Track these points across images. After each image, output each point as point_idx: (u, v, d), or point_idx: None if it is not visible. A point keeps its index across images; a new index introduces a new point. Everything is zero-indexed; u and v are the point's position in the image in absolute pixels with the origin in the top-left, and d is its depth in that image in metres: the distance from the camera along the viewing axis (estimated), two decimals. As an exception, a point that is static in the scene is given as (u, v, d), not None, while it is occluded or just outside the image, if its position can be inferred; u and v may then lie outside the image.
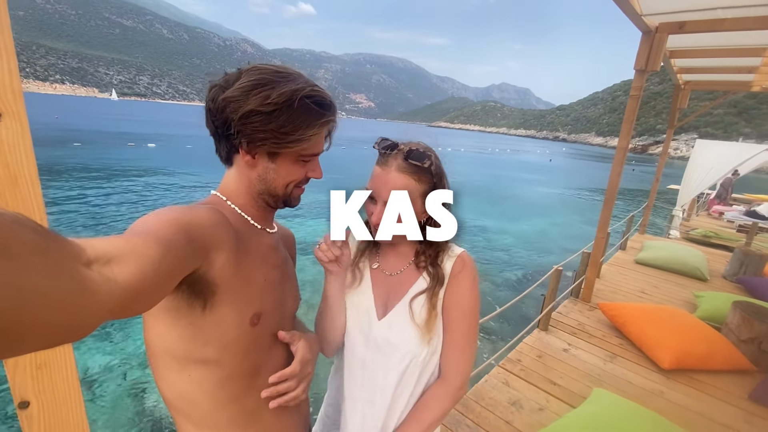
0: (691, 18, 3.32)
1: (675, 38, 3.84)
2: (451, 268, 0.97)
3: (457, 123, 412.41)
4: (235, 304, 0.73)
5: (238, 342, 0.75)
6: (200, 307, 0.69)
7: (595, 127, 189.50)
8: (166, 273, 0.51)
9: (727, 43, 4.08)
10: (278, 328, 0.86)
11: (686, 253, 5.69)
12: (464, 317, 0.97)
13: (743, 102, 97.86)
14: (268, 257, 0.85)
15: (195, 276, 0.64)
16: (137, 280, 0.44)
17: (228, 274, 0.70)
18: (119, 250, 0.44)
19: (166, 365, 0.74)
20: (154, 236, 0.52)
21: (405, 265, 1.01)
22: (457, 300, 0.96)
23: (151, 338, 0.73)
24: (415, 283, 0.98)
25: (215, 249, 0.67)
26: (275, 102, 0.70)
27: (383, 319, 0.97)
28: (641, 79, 3.59)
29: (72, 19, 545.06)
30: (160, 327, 0.71)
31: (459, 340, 0.97)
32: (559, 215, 15.73)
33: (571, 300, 4.29)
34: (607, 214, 4.01)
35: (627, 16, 3.21)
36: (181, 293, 0.68)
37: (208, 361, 0.73)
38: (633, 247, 6.63)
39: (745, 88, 6.14)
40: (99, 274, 0.39)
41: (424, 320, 0.93)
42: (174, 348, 0.72)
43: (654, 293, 4.73)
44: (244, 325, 0.75)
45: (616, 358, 3.23)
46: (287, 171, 0.79)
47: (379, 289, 1.01)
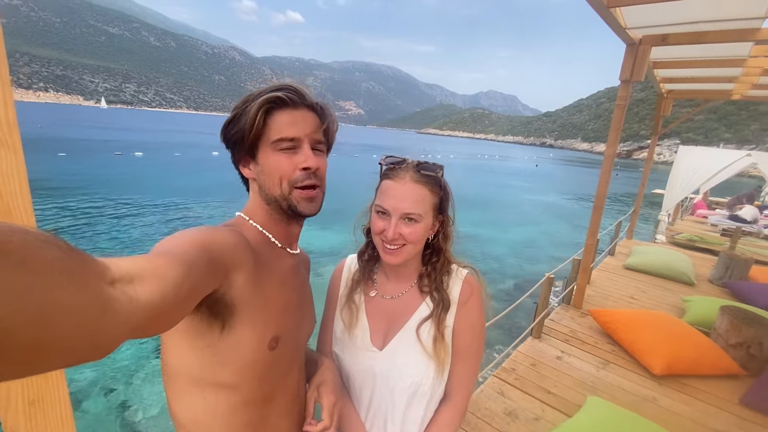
0: (674, 31, 3.42)
1: (658, 50, 3.95)
2: (459, 293, 0.94)
3: (446, 130, 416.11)
4: (254, 326, 0.72)
5: (256, 365, 0.74)
6: (219, 329, 0.69)
7: (581, 133, 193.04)
8: (188, 293, 0.52)
9: (709, 54, 4.21)
10: (295, 352, 0.85)
11: (673, 258, 5.79)
12: (474, 341, 0.95)
13: (723, 108, 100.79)
14: (287, 279, 0.83)
15: (214, 296, 0.64)
16: (158, 300, 0.44)
17: (247, 295, 0.69)
18: (142, 270, 0.45)
19: (181, 387, 0.73)
20: (176, 256, 0.53)
21: (407, 288, 0.97)
22: (468, 325, 0.93)
23: (168, 358, 0.72)
24: (419, 307, 0.94)
25: (235, 270, 0.66)
26: (236, 107, 0.75)
27: (384, 349, 0.93)
28: (626, 89, 3.67)
29: (57, 27, 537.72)
30: (178, 348, 0.70)
31: (469, 363, 0.95)
32: (547, 223, 15.91)
33: (563, 307, 4.32)
34: (596, 221, 4.06)
35: (612, 29, 3.29)
36: (200, 314, 0.67)
37: (224, 385, 0.73)
38: (621, 252, 6.73)
39: (725, 97, 6.33)
40: (122, 293, 0.40)
41: (432, 348, 0.90)
42: (191, 369, 0.71)
43: (643, 298, 4.80)
44: (262, 349, 0.74)
45: (608, 365, 3.26)
46: (271, 166, 0.77)
47: (377, 318, 0.97)
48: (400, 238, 0.87)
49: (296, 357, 0.89)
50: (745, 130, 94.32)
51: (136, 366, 4.66)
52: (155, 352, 4.86)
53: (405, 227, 0.87)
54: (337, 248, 9.31)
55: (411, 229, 0.87)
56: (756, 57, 4.09)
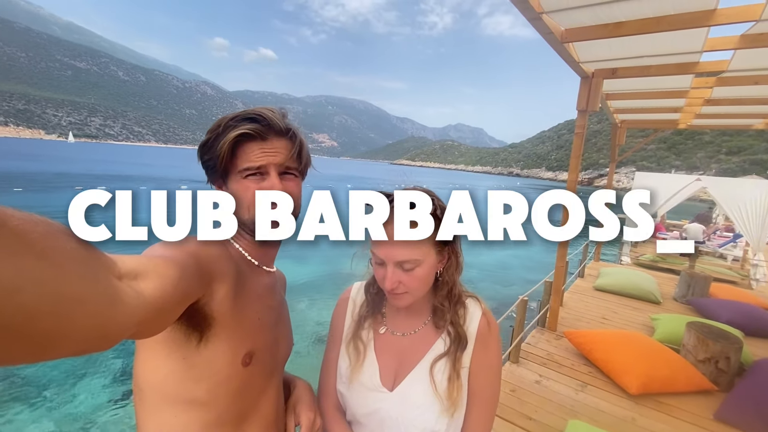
0: (622, 65, 3.71)
1: (610, 82, 4.26)
2: (477, 329, 0.87)
3: (418, 161, 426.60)
4: (229, 341, 0.71)
5: (230, 382, 0.72)
6: (196, 340, 0.68)
7: (545, 162, 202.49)
8: (182, 295, 0.54)
9: (655, 86, 4.58)
10: (270, 371, 0.83)
11: (639, 278, 6.00)
12: (492, 383, 0.88)
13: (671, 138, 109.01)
14: (264, 297, 0.83)
15: (195, 306, 0.64)
16: (159, 296, 0.46)
17: (225, 308, 0.69)
18: (145, 267, 0.47)
19: (153, 403, 0.71)
20: (170, 259, 0.55)
21: (420, 325, 0.90)
22: (486, 363, 0.86)
23: (141, 372, 0.70)
24: (434, 345, 0.87)
25: (218, 280, 0.67)
26: (210, 130, 0.76)
27: (395, 390, 0.85)
28: (583, 118, 3.91)
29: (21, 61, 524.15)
30: (153, 360, 0.69)
31: (486, 407, 0.87)
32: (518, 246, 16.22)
33: (538, 330, 4.33)
34: (564, 244, 4.18)
35: (567, 63, 3.53)
36: (179, 325, 0.67)
37: (197, 402, 0.71)
38: (590, 274, 6.92)
39: (672, 126, 6.85)
40: (129, 287, 0.41)
41: (446, 390, 0.82)
42: (165, 384, 0.69)
43: (614, 318, 4.90)
44: (236, 364, 0.73)
45: (586, 387, 3.24)
46: (240, 193, 0.76)
47: (388, 356, 0.89)
48: (399, 285, 0.81)
49: (272, 377, 0.85)
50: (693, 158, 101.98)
51: (93, 416, 4.25)
52: (111, 402, 4.47)
53: (403, 275, 0.80)
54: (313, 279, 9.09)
55: (409, 277, 0.80)
56: (697, 88, 4.48)
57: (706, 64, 3.52)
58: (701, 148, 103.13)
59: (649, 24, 2.63)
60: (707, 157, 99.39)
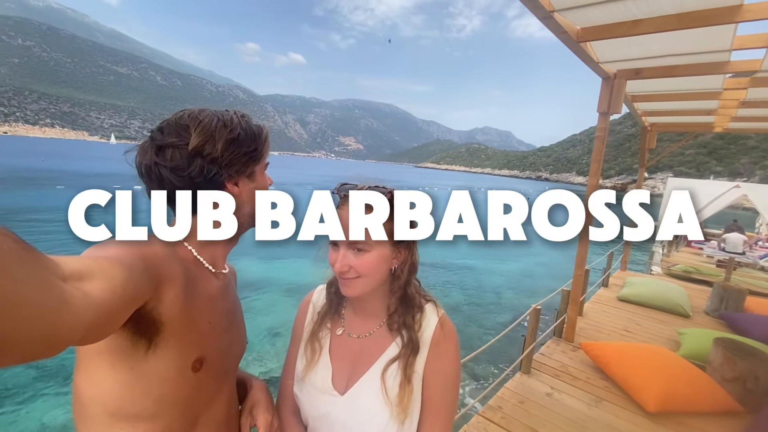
0: (646, 65, 3.53)
1: (635, 83, 4.07)
2: (432, 334, 0.84)
3: (443, 164, 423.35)
4: (178, 347, 0.68)
5: (180, 390, 0.70)
6: (144, 348, 0.64)
7: (576, 166, 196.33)
8: (130, 297, 0.52)
9: (684, 87, 4.34)
10: (223, 375, 0.82)
11: (668, 290, 5.69)
12: (447, 391, 0.84)
13: (712, 142, 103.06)
14: (216, 302, 0.80)
15: (142, 311, 0.61)
16: (108, 298, 0.45)
17: (174, 313, 0.66)
18: (90, 269, 0.45)
19: (94, 419, 0.66)
20: (116, 260, 0.53)
21: (376, 327, 0.89)
22: (440, 370, 0.83)
23: (83, 386, 0.66)
24: (388, 348, 0.85)
25: (165, 283, 0.64)
26: (241, 127, 0.76)
27: (345, 394, 0.83)
28: (605, 121, 3.75)
29: (67, 67, 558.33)
30: (96, 372, 0.65)
31: (439, 417, 0.83)
32: (543, 254, 15.80)
33: (553, 340, 4.18)
34: (583, 252, 4.02)
35: (586, 63, 3.40)
36: (125, 332, 0.63)
37: (142, 417, 0.67)
38: (615, 284, 6.62)
39: (707, 129, 6.48)
40: (75, 289, 0.40)
41: (396, 396, 0.80)
42: (108, 399, 0.65)
43: (637, 331, 4.66)
44: (185, 371, 0.70)
45: (601, 402, 3.09)
46: (261, 183, 0.83)
47: (342, 359, 0.88)
48: (350, 270, 0.80)
49: (224, 383, 0.83)
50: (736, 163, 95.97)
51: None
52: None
53: (354, 258, 0.79)
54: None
55: (360, 260, 0.79)
56: (730, 89, 4.20)
57: (737, 63, 3.29)
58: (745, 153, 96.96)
59: (670, 21, 2.49)
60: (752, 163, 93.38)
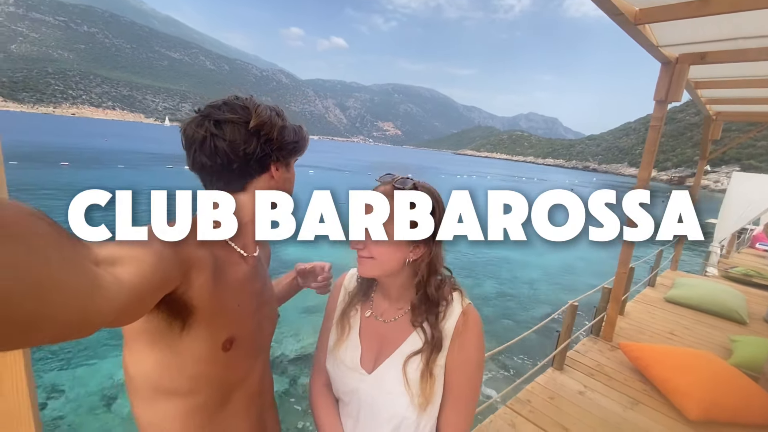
0: (713, 48, 3.22)
1: (699, 69, 3.73)
2: (455, 324, 0.86)
3: (484, 151, 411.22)
4: (209, 329, 0.73)
5: (212, 368, 0.75)
6: (179, 328, 0.69)
7: (628, 157, 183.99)
8: (159, 281, 0.54)
9: (757, 73, 3.92)
10: (253, 352, 0.87)
11: (723, 293, 5.28)
12: (470, 378, 0.87)
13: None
14: (244, 285, 0.83)
15: (174, 295, 0.65)
16: (138, 282, 0.46)
17: (204, 297, 0.70)
18: (121, 253, 0.46)
19: (139, 392, 0.74)
20: (147, 244, 0.54)
21: (400, 314, 0.92)
22: (463, 360, 0.85)
23: (129, 362, 0.73)
24: (408, 337, 0.88)
25: (195, 269, 0.67)
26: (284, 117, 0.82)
27: (373, 372, 0.88)
28: (662, 109, 3.49)
29: (126, 52, 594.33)
30: (140, 350, 0.71)
31: (461, 404, 0.86)
32: (585, 249, 15.11)
33: (590, 338, 4.04)
34: (628, 249, 3.81)
35: (643, 47, 3.15)
36: (160, 314, 0.68)
37: (180, 392, 0.74)
38: (663, 284, 6.24)
39: (782, 120, 5.84)
40: (107, 273, 0.41)
41: (418, 386, 0.83)
42: (150, 375, 0.72)
43: (685, 335, 4.39)
44: (216, 351, 0.75)
45: (637, 405, 2.98)
46: (293, 174, 0.89)
47: (370, 339, 0.93)
48: (364, 248, 0.83)
49: (256, 359, 0.89)
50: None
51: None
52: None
53: (369, 239, 0.82)
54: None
55: (374, 243, 0.82)
56: (813, 76, 3.75)
57: (822, 46, 2.92)
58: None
59: (744, 0, 2.24)
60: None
